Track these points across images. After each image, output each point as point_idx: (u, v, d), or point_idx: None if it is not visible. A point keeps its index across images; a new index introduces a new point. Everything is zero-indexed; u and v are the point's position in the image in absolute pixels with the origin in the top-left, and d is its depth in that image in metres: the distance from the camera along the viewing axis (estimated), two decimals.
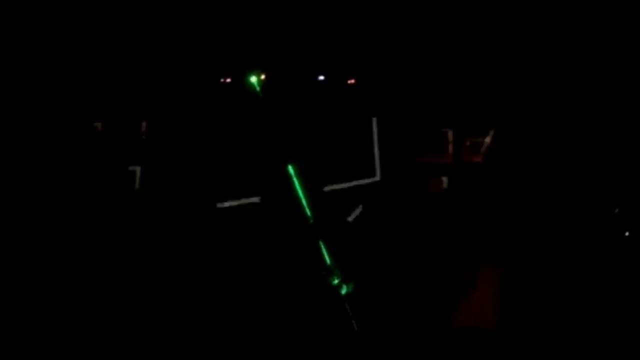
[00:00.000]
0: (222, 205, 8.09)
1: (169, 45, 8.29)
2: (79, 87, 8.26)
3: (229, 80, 8.36)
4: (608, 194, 7.90)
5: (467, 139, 8.25)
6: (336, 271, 7.57)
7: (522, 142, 7.99)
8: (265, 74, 8.24)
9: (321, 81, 8.27)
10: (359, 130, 8.20)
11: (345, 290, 7.52)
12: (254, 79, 8.22)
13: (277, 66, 8.25)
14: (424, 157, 8.26)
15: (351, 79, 8.29)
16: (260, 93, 8.17)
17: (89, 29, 8.17)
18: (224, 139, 8.25)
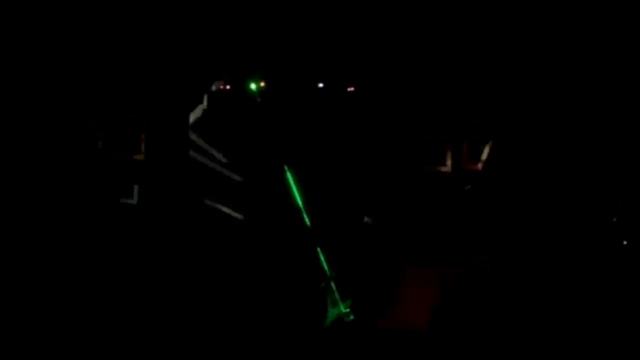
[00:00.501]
0: (215, 206, 8.11)
1: (169, 53, 8.33)
2: (80, 95, 8.29)
3: (228, 87, 8.39)
4: (607, 202, 7.89)
5: (466, 147, 8.24)
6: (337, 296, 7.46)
7: (520, 151, 8.02)
8: (265, 82, 8.29)
9: (321, 88, 8.29)
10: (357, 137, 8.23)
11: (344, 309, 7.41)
12: (253, 86, 8.26)
13: (277, 73, 8.28)
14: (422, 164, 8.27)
15: (350, 86, 8.32)
16: (259, 100, 8.20)
17: (89, 32, 8.21)
18: (225, 144, 8.28)
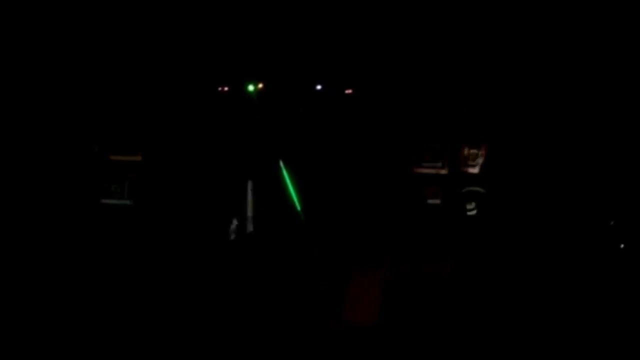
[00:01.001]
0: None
1: (168, 55, 8.35)
2: (74, 93, 8.30)
3: (226, 89, 8.41)
4: (604, 206, 7.87)
5: (463, 150, 8.23)
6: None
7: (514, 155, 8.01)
8: (263, 83, 8.30)
9: (318, 90, 8.30)
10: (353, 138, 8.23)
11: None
12: (251, 87, 8.28)
13: (275, 75, 8.30)
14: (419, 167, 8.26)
15: (348, 89, 8.32)
16: (257, 101, 8.22)
17: (88, 33, 8.24)
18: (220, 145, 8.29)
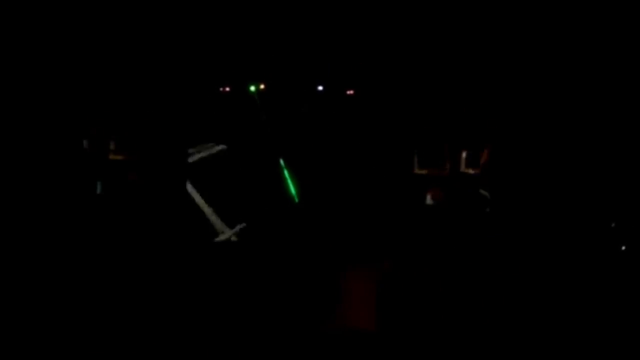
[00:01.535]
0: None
1: (168, 55, 8.36)
2: (78, 95, 8.30)
3: (228, 89, 8.43)
4: (605, 208, 7.85)
5: (463, 151, 8.22)
6: None
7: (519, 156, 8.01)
8: (265, 84, 8.33)
9: (320, 91, 8.32)
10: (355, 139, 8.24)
11: None
12: (253, 88, 8.31)
13: (276, 75, 8.33)
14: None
15: (350, 89, 8.34)
16: (258, 102, 8.24)
17: (87, 34, 8.26)
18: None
